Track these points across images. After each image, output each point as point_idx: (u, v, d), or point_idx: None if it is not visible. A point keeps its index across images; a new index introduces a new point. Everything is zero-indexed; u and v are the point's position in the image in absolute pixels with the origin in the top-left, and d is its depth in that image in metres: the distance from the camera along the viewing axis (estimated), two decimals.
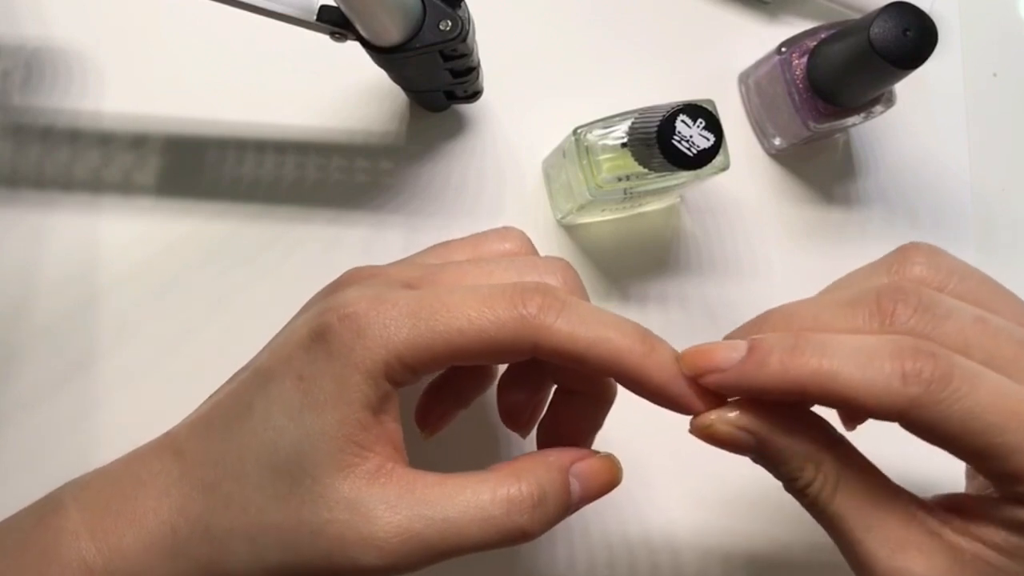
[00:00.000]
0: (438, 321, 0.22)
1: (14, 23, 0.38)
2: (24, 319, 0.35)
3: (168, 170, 0.37)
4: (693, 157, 0.28)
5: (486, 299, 0.22)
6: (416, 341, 0.21)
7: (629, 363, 0.22)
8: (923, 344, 0.20)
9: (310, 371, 0.22)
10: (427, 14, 0.29)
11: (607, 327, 0.22)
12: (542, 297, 0.22)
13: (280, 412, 0.22)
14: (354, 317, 0.22)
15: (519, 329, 0.22)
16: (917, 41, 0.31)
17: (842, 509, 0.22)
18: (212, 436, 0.23)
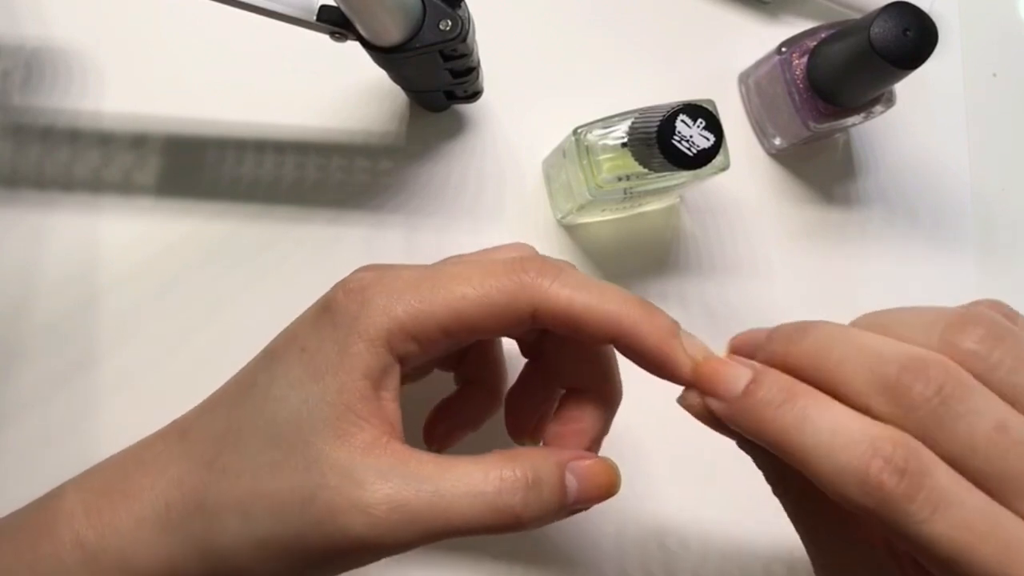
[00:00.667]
0: (441, 288, 0.22)
1: (14, 23, 0.38)
2: (24, 319, 0.35)
3: (168, 170, 0.37)
4: (693, 157, 0.28)
5: (488, 268, 0.23)
6: (419, 308, 0.22)
7: (627, 325, 0.23)
8: (902, 450, 0.19)
9: (314, 342, 0.23)
10: (427, 14, 0.29)
11: (604, 291, 0.23)
12: (541, 263, 0.23)
13: (283, 383, 0.22)
14: (359, 289, 0.23)
15: (518, 292, 0.22)
16: (917, 41, 0.31)
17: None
18: (217, 414, 0.24)
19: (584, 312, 0.22)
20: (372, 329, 0.22)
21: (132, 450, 0.25)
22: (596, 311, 0.22)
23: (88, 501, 0.23)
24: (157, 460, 0.24)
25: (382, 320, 0.22)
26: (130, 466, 0.24)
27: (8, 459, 0.35)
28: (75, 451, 0.35)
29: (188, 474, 0.23)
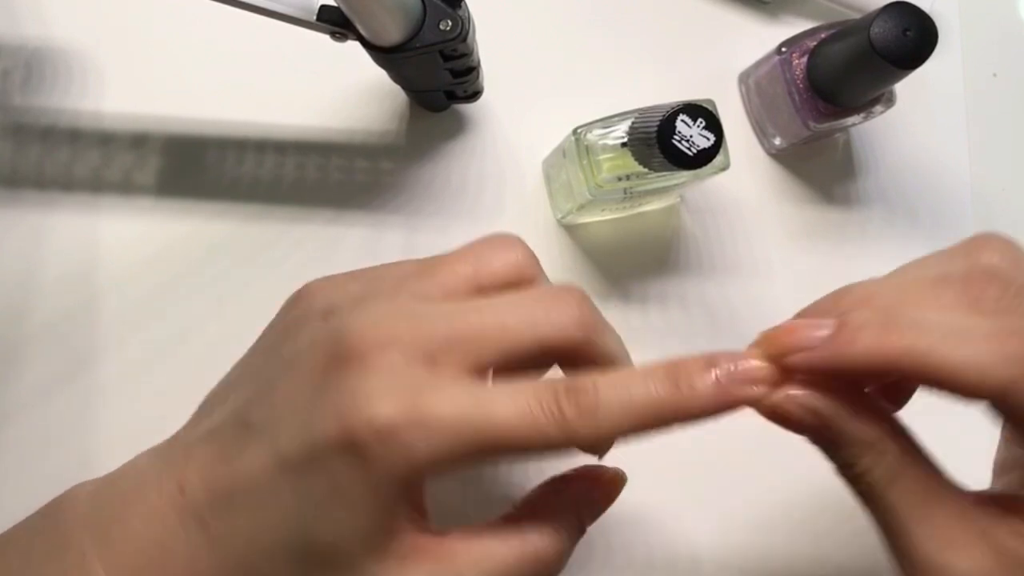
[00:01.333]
0: (479, 432, 0.21)
1: (14, 23, 0.38)
2: (24, 319, 0.35)
3: (168, 170, 0.37)
4: (693, 157, 0.28)
5: (525, 411, 0.22)
6: (456, 451, 0.21)
7: (670, 415, 0.22)
8: (1020, 326, 0.20)
9: (344, 478, 0.22)
10: (427, 14, 0.29)
11: (636, 404, 0.22)
12: (577, 407, 0.22)
13: (311, 505, 0.22)
14: (391, 434, 0.21)
15: (559, 439, 0.22)
16: (917, 41, 0.31)
17: (896, 499, 0.21)
18: (238, 514, 0.23)
19: (630, 431, 0.22)
20: (409, 474, 0.21)
21: (148, 525, 0.24)
22: (639, 426, 0.22)
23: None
24: (183, 551, 0.23)
25: (420, 465, 0.21)
26: (154, 554, 0.24)
27: (8, 459, 0.35)
28: (75, 451, 0.35)
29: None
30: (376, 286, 0.24)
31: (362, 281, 0.25)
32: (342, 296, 0.24)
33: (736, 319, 0.38)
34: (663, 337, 0.38)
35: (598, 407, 0.22)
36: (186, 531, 0.23)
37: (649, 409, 0.22)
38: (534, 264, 0.25)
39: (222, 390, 0.26)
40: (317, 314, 0.24)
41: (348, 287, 0.25)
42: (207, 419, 0.25)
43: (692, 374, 0.22)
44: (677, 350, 0.38)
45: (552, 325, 0.23)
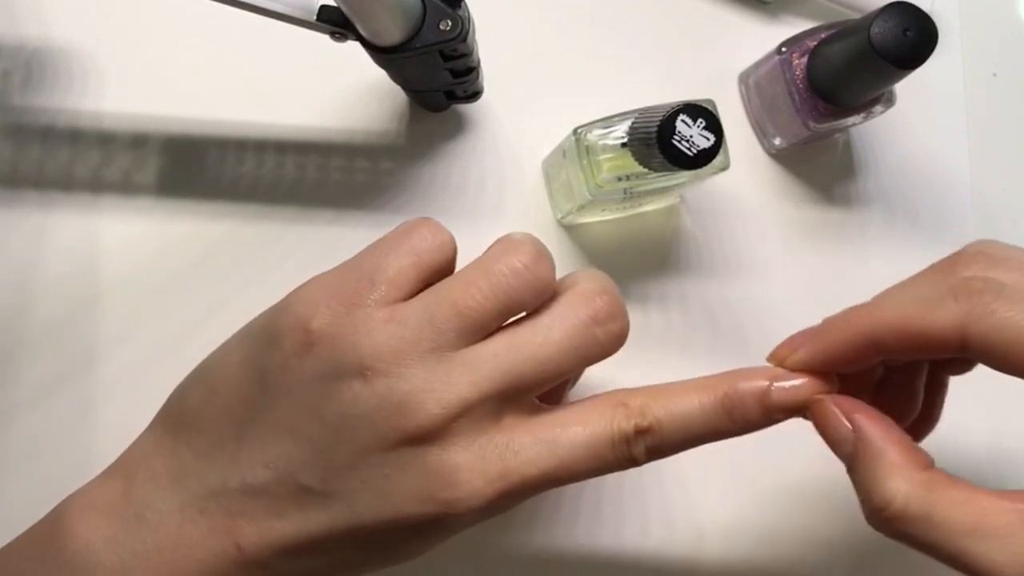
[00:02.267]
0: (559, 481, 0.23)
1: (14, 23, 0.38)
2: (24, 319, 0.35)
3: (168, 170, 0.37)
4: (693, 157, 0.28)
5: (600, 457, 0.24)
6: (533, 495, 0.24)
7: (719, 439, 0.24)
8: (972, 278, 0.21)
9: (431, 537, 0.24)
10: (427, 14, 0.29)
11: (694, 437, 0.24)
12: (645, 448, 0.24)
13: (391, 554, 0.24)
14: (482, 508, 0.23)
15: (622, 468, 0.24)
16: (917, 41, 0.31)
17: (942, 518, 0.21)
18: (311, 558, 0.24)
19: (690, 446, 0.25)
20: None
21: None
22: (697, 443, 0.25)
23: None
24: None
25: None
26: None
27: (8, 459, 0.35)
28: (75, 451, 0.35)
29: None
30: (356, 303, 0.24)
31: (341, 300, 0.24)
32: (356, 339, 0.23)
33: (736, 319, 0.38)
34: (663, 337, 0.38)
35: (662, 445, 0.24)
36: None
37: (704, 439, 0.24)
38: (454, 243, 0.26)
39: (222, 419, 0.25)
40: (350, 371, 0.23)
41: (346, 320, 0.23)
42: (221, 462, 0.24)
43: (746, 406, 0.24)
44: (677, 350, 0.38)
45: (602, 350, 0.25)
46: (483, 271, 0.24)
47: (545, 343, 0.24)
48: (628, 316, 0.25)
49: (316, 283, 0.25)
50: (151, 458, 0.25)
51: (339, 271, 0.25)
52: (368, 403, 0.23)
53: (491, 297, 0.24)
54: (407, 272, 0.24)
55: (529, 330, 0.24)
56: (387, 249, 0.25)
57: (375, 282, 0.24)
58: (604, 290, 0.25)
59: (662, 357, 0.38)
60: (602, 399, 0.25)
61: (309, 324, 0.23)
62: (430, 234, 0.25)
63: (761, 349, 0.26)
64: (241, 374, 0.25)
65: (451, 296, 0.24)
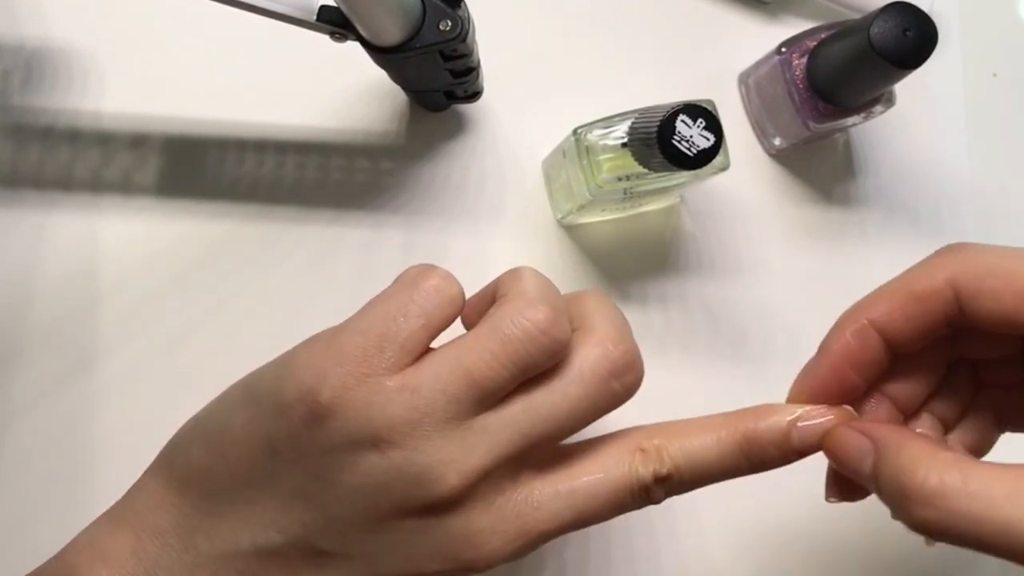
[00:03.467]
0: (578, 527, 0.24)
1: (14, 23, 0.38)
2: (24, 319, 0.35)
3: (168, 170, 0.37)
4: (693, 157, 0.28)
5: (619, 504, 0.24)
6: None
7: (742, 472, 0.24)
8: (957, 243, 0.24)
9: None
10: (427, 14, 0.29)
11: (711, 479, 0.24)
12: (664, 492, 0.24)
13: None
14: (497, 563, 0.23)
15: (641, 507, 0.25)
16: (917, 41, 0.31)
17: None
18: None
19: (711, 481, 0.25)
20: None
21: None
22: (720, 478, 0.25)
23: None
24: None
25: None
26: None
27: (8, 459, 0.35)
28: (75, 451, 0.35)
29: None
30: (365, 372, 0.23)
31: (350, 369, 0.23)
32: (370, 412, 0.22)
33: (736, 319, 0.38)
34: (663, 337, 0.38)
35: (681, 488, 0.24)
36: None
37: (718, 480, 0.24)
38: (463, 295, 0.25)
39: (230, 481, 0.24)
40: (364, 443, 0.22)
41: (358, 391, 0.23)
42: (232, 524, 0.24)
43: (766, 451, 0.24)
44: (677, 350, 0.38)
45: (619, 401, 0.25)
46: (497, 336, 0.23)
47: (563, 402, 0.23)
48: (642, 360, 0.25)
49: (321, 346, 0.24)
50: (157, 513, 0.25)
51: (346, 333, 0.24)
52: (385, 474, 0.22)
53: (507, 364, 0.23)
54: (417, 336, 0.23)
55: (546, 392, 0.24)
56: (395, 310, 0.24)
57: (384, 348, 0.23)
58: (622, 338, 0.25)
59: (662, 357, 0.38)
60: (619, 443, 0.25)
61: (318, 396, 0.22)
62: (437, 292, 0.24)
63: (761, 349, 0.27)
64: (247, 440, 0.24)
65: (464, 364, 0.23)
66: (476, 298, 0.27)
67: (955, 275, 0.23)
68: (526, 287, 0.25)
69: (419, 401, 0.22)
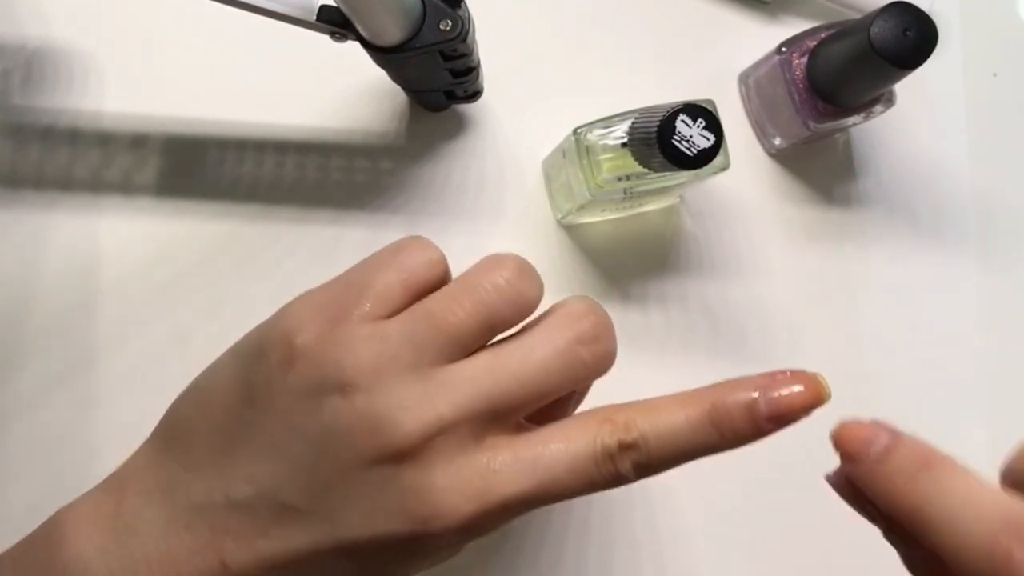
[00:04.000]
0: (541, 500, 0.23)
1: (14, 23, 0.38)
2: (24, 319, 0.35)
3: (168, 170, 0.37)
4: (693, 157, 0.28)
5: (584, 476, 0.23)
6: (516, 516, 0.23)
7: (710, 454, 0.23)
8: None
9: (411, 560, 0.24)
10: (427, 14, 0.29)
11: (682, 453, 0.23)
12: (633, 465, 0.23)
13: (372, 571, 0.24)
14: (464, 528, 0.22)
15: (609, 486, 0.24)
16: (917, 41, 0.31)
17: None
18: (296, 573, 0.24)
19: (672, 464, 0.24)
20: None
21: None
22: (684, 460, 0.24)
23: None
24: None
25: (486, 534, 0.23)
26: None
27: (8, 459, 0.35)
28: (75, 451, 0.35)
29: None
30: (340, 318, 0.23)
31: (327, 315, 0.24)
32: (338, 355, 0.23)
33: (736, 319, 0.38)
34: (663, 337, 0.38)
35: (650, 460, 0.23)
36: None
37: (694, 454, 0.23)
38: (445, 261, 0.25)
39: (211, 433, 0.25)
40: (331, 387, 0.23)
41: (330, 335, 0.23)
42: (208, 477, 0.24)
43: (735, 420, 0.23)
44: (677, 350, 0.38)
45: (588, 370, 0.24)
46: (465, 287, 0.24)
47: (527, 362, 0.23)
48: (615, 338, 0.25)
49: (305, 298, 0.25)
50: (144, 471, 0.25)
51: (328, 286, 0.25)
52: (347, 420, 0.22)
53: (472, 313, 0.23)
54: (394, 288, 0.24)
55: (511, 349, 0.24)
56: (376, 265, 0.25)
57: (361, 297, 0.24)
58: (590, 311, 0.25)
59: (662, 357, 0.38)
60: (587, 416, 0.24)
61: (294, 339, 0.23)
62: (420, 251, 0.25)
63: (761, 349, 0.27)
64: (230, 388, 0.24)
65: (432, 311, 0.23)
66: None
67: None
68: (499, 254, 0.25)
69: (386, 347, 0.23)
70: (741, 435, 0.23)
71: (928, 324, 0.40)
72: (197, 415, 0.25)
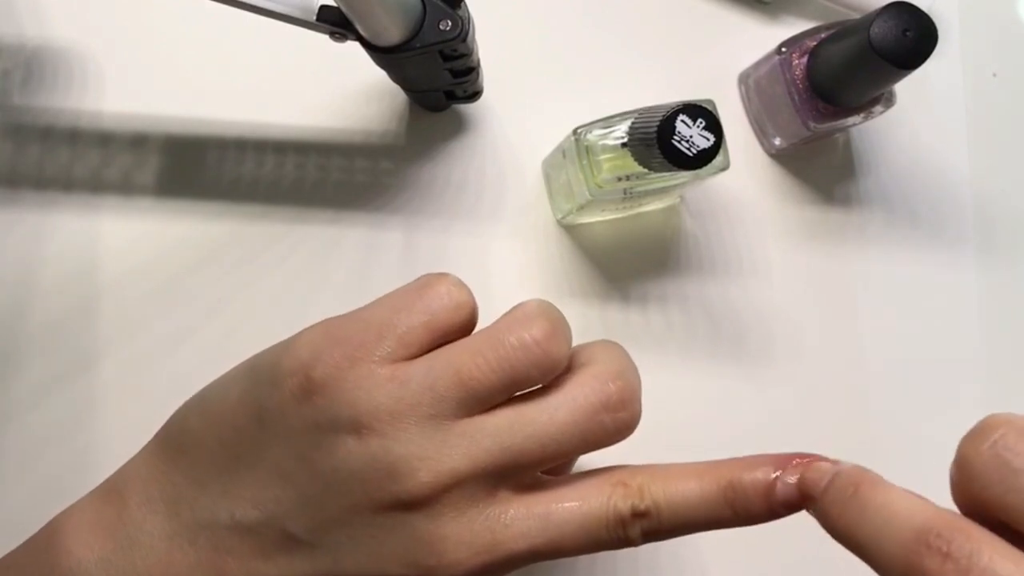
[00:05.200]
0: (548, 557, 0.23)
1: (14, 23, 0.38)
2: (24, 319, 0.35)
3: (168, 170, 0.37)
4: (693, 157, 0.28)
5: (593, 537, 0.23)
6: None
7: (725, 522, 0.23)
8: (948, 532, 0.18)
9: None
10: (427, 14, 0.29)
11: (692, 526, 0.23)
12: (642, 532, 0.23)
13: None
14: (453, 569, 0.22)
15: (616, 547, 0.24)
16: (917, 41, 0.31)
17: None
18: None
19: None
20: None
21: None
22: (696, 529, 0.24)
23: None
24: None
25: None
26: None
27: (8, 459, 0.35)
28: (75, 451, 0.35)
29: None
30: (360, 357, 0.23)
31: (346, 351, 0.23)
32: (356, 395, 0.23)
33: (736, 319, 0.39)
34: (663, 337, 0.38)
35: (659, 529, 0.23)
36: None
37: (703, 528, 0.23)
38: (472, 304, 0.25)
39: (218, 450, 0.24)
40: (345, 425, 0.23)
41: (349, 373, 0.23)
42: (213, 494, 0.24)
43: (749, 499, 0.23)
44: (677, 350, 0.38)
45: (608, 437, 0.24)
46: (492, 341, 0.23)
47: (549, 424, 0.23)
48: (641, 402, 0.24)
49: (325, 328, 0.24)
50: (147, 482, 0.25)
51: (350, 320, 0.24)
52: (360, 461, 0.22)
53: (497, 370, 0.23)
54: (417, 332, 0.23)
55: (534, 408, 0.23)
56: (400, 304, 0.24)
57: (383, 337, 0.23)
58: (620, 374, 0.24)
59: (662, 357, 0.38)
60: (601, 476, 0.24)
61: (311, 372, 0.23)
62: (447, 294, 0.24)
63: (761, 349, 0.27)
64: (240, 408, 0.24)
65: (455, 363, 0.23)
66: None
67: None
68: (529, 306, 0.24)
69: (406, 393, 0.23)
70: (754, 515, 0.23)
71: (928, 324, 0.40)
72: (205, 430, 0.25)
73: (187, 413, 0.26)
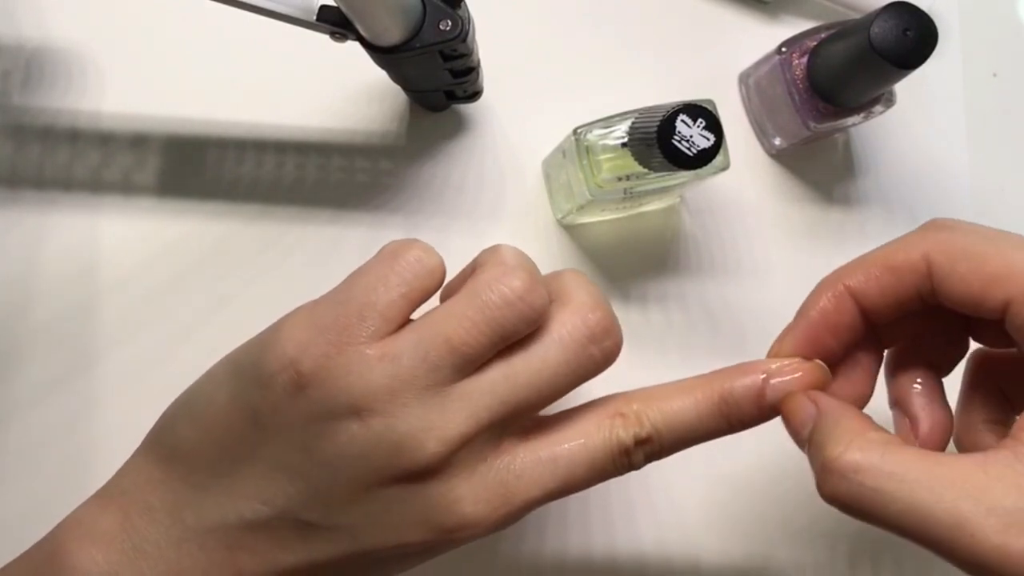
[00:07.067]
0: (561, 494, 0.24)
1: (14, 23, 0.38)
2: (24, 319, 0.35)
3: (168, 170, 0.37)
4: (693, 157, 0.28)
5: (601, 470, 0.24)
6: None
7: (722, 433, 0.25)
8: (937, 220, 0.25)
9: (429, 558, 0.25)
10: (427, 14, 0.29)
11: (691, 441, 0.25)
12: (644, 456, 0.24)
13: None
14: (488, 528, 0.23)
15: (623, 472, 0.25)
16: (917, 41, 0.31)
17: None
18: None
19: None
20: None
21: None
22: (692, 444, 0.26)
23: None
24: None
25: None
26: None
27: (8, 459, 0.35)
28: (75, 451, 0.35)
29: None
30: (346, 341, 0.23)
31: (330, 338, 0.23)
32: (349, 381, 0.23)
33: (736, 319, 0.39)
34: (663, 337, 0.38)
35: (661, 451, 0.24)
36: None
37: (701, 441, 0.25)
38: (443, 265, 0.25)
39: (216, 454, 0.24)
40: (344, 412, 0.23)
41: (339, 359, 0.23)
42: (216, 496, 0.24)
43: (742, 408, 0.24)
44: (677, 350, 0.38)
45: (598, 367, 0.25)
46: (475, 302, 0.23)
47: (543, 369, 0.24)
48: (620, 326, 0.25)
49: (303, 317, 0.24)
50: (145, 491, 0.25)
51: (327, 304, 0.24)
52: (366, 443, 0.22)
53: (485, 331, 0.23)
54: (397, 304, 0.24)
55: (525, 358, 0.24)
56: (375, 280, 0.24)
57: (364, 317, 0.23)
58: (597, 304, 0.25)
59: (662, 357, 0.38)
60: (598, 409, 0.25)
61: (299, 366, 0.23)
62: (418, 262, 0.24)
63: (761, 349, 0.27)
64: (231, 412, 0.24)
65: (444, 331, 0.23)
66: (456, 279, 0.27)
67: (931, 252, 0.23)
68: (504, 257, 0.25)
69: (399, 369, 0.23)
70: (747, 422, 0.24)
71: None
72: (198, 434, 0.25)
73: (175, 420, 0.26)
